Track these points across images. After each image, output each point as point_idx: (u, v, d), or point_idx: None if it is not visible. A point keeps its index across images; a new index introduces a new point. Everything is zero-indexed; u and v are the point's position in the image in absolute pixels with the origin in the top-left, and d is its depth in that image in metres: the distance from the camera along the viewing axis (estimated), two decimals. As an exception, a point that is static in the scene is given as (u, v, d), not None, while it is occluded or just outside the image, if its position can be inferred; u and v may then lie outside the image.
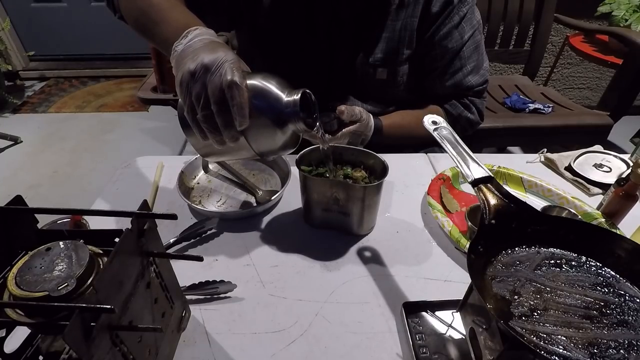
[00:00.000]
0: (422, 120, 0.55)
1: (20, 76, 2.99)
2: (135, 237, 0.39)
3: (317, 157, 0.68)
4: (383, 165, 0.64)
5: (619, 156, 0.85)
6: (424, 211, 0.73)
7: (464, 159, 0.50)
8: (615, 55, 1.74)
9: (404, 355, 0.50)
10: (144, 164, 0.84)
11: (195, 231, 0.65)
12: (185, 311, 0.52)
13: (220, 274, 0.57)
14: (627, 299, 0.38)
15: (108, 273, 0.34)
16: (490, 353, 0.38)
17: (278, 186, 0.78)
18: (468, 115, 0.92)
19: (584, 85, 2.57)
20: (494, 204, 0.45)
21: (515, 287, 0.40)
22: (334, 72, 0.87)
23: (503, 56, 1.75)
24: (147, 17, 0.64)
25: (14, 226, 0.40)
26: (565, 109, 1.54)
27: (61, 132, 2.44)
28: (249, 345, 0.50)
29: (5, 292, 0.35)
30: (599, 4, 1.89)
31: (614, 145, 2.12)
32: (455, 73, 0.87)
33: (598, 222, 0.66)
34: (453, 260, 0.63)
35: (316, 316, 0.54)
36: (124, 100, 2.79)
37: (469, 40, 0.84)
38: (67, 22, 2.98)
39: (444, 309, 0.52)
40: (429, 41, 0.84)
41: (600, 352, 0.34)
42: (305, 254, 0.63)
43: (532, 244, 0.44)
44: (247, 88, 0.49)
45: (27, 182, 2.02)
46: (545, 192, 0.76)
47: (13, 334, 0.41)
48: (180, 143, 2.33)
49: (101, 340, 0.33)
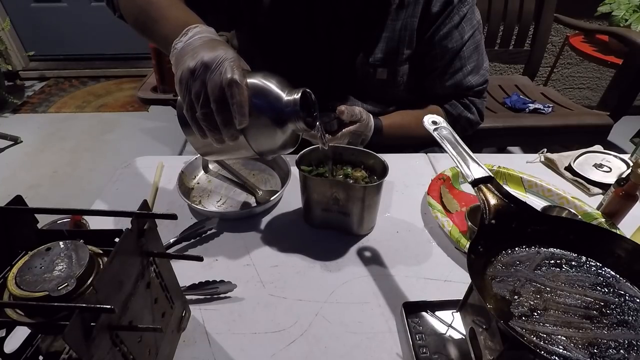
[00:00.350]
0: (422, 120, 0.55)
1: (20, 76, 2.99)
2: (135, 237, 0.39)
3: (317, 157, 0.68)
4: (383, 165, 0.64)
5: (619, 156, 0.85)
6: (424, 211, 0.73)
7: (464, 159, 0.50)
8: (615, 55, 1.74)
9: (404, 355, 0.50)
10: (144, 164, 0.84)
11: (195, 231, 0.65)
12: (185, 311, 0.52)
13: (220, 274, 0.57)
14: (627, 299, 0.38)
15: (108, 273, 0.34)
16: (490, 353, 0.38)
17: (278, 186, 0.78)
18: (468, 115, 0.92)
19: (584, 85, 2.57)
20: (494, 204, 0.45)
21: (515, 287, 0.40)
22: (334, 72, 0.87)
23: (503, 56, 1.75)
24: (146, 15, 0.64)
25: (14, 226, 0.40)
26: (565, 109, 1.54)
27: (61, 132, 2.44)
28: (249, 345, 0.50)
29: (5, 292, 0.35)
30: (599, 4, 1.89)
31: (614, 145, 2.12)
32: (455, 73, 0.87)
33: (598, 222, 0.66)
34: (453, 260, 0.63)
35: (316, 316, 0.54)
36: (124, 100, 2.79)
37: (469, 40, 0.84)
38: (67, 22, 2.98)
39: (444, 309, 0.52)
40: (429, 41, 0.84)
41: (600, 352, 0.34)
42: (305, 254, 0.63)
43: (532, 244, 0.44)
44: (247, 87, 0.48)
45: (27, 182, 2.02)
46: (545, 192, 0.76)
47: (13, 334, 0.41)
48: (180, 143, 2.33)
49: (101, 340, 0.33)
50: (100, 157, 2.22)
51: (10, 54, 2.89)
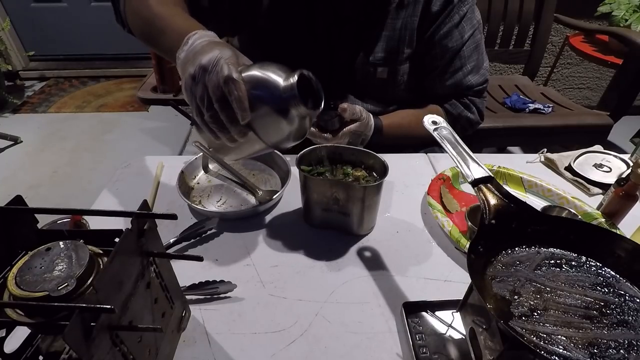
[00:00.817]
0: (422, 120, 0.55)
1: (20, 76, 2.98)
2: (135, 237, 0.39)
3: (317, 157, 0.68)
4: (383, 165, 0.64)
5: (619, 156, 0.85)
6: (424, 211, 0.73)
7: (464, 159, 0.50)
8: (615, 55, 1.74)
9: (404, 355, 0.50)
10: (144, 164, 0.84)
11: (195, 231, 0.65)
12: (185, 311, 0.52)
13: (220, 274, 0.57)
14: (627, 299, 0.38)
15: (108, 273, 0.34)
16: (490, 353, 0.38)
17: (278, 186, 0.78)
18: (468, 115, 0.92)
19: (584, 85, 2.57)
20: (494, 204, 0.45)
21: (515, 287, 0.40)
22: (334, 72, 0.87)
23: (503, 56, 1.75)
24: (151, 27, 0.65)
25: (14, 226, 0.40)
26: (565, 109, 1.54)
27: (61, 132, 2.44)
28: (249, 345, 0.50)
29: (5, 292, 0.35)
30: (599, 4, 1.89)
31: (614, 145, 2.12)
32: (455, 72, 0.87)
33: (598, 222, 0.66)
34: (453, 260, 0.63)
35: (316, 316, 0.54)
36: (124, 100, 2.79)
37: (469, 39, 0.84)
38: (67, 22, 2.97)
39: (444, 309, 0.52)
40: (429, 40, 0.84)
41: (600, 352, 0.34)
42: (305, 254, 0.63)
43: (532, 244, 0.44)
44: (245, 80, 0.48)
45: (27, 182, 2.02)
46: (545, 192, 0.76)
47: (13, 334, 0.41)
48: (180, 143, 2.33)
49: (101, 340, 0.33)
50: (100, 157, 2.22)
51: (10, 54, 2.89)
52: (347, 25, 0.82)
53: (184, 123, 2.31)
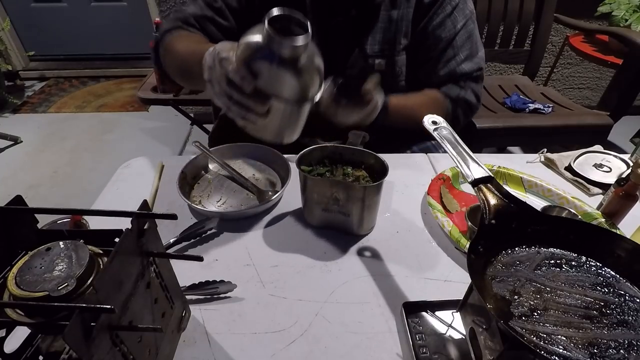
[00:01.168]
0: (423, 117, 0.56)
1: (20, 76, 2.98)
2: (135, 237, 0.39)
3: (317, 157, 0.68)
4: (383, 165, 0.64)
5: (619, 156, 0.85)
6: (424, 211, 0.73)
7: (464, 159, 0.50)
8: (615, 55, 1.74)
9: (404, 355, 0.50)
10: (144, 164, 0.84)
11: (195, 231, 0.65)
12: (185, 311, 0.52)
13: (220, 274, 0.57)
14: (627, 299, 0.38)
15: (108, 273, 0.34)
16: (490, 353, 0.38)
17: (278, 186, 0.78)
18: (466, 96, 0.90)
19: (584, 85, 2.57)
20: (494, 204, 0.45)
21: (515, 287, 0.40)
22: (331, 65, 0.87)
23: (503, 56, 1.75)
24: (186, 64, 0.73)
25: (14, 226, 0.40)
26: (565, 109, 1.54)
27: (61, 132, 2.44)
28: (249, 345, 0.50)
29: (5, 292, 0.35)
30: (599, 4, 1.89)
31: (614, 145, 2.12)
32: (448, 62, 0.87)
33: (598, 222, 0.66)
34: (453, 260, 0.63)
35: (316, 316, 0.54)
36: (124, 100, 2.79)
37: (461, 29, 0.85)
38: (67, 22, 2.97)
39: (444, 309, 0.52)
40: (423, 31, 0.85)
41: (600, 352, 0.34)
42: (305, 254, 0.63)
43: (532, 244, 0.44)
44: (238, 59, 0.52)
45: (27, 182, 2.02)
46: (545, 192, 0.76)
47: (13, 334, 0.41)
48: (180, 143, 2.33)
49: (101, 340, 0.33)
50: (100, 157, 2.22)
51: (10, 54, 2.89)
52: (343, 18, 0.82)
53: (184, 123, 2.31)
